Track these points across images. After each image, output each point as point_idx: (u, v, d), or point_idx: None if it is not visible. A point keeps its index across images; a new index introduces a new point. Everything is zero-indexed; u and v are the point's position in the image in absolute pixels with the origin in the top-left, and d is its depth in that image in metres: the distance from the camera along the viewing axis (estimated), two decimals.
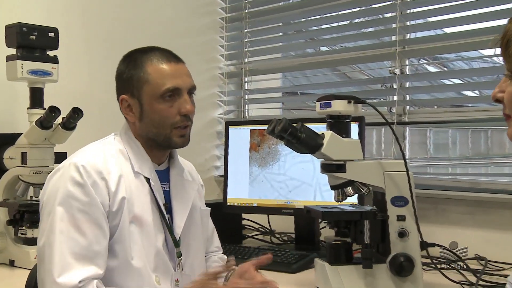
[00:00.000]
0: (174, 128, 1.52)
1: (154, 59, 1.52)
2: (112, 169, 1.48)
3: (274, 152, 2.35)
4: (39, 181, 2.08)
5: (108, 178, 1.45)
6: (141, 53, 1.54)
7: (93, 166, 1.45)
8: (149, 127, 1.52)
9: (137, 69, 1.51)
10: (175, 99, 1.51)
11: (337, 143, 1.63)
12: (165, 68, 1.51)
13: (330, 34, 2.94)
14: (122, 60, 1.57)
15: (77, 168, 1.43)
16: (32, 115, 2.09)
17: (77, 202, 1.40)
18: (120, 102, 1.55)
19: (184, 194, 1.62)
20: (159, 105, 1.50)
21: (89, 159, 1.46)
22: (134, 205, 1.48)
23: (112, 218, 1.45)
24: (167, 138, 1.52)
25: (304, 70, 3.16)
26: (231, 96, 3.24)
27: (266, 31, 3.10)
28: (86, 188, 1.42)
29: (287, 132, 1.59)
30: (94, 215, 1.41)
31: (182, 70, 1.54)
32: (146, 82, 1.50)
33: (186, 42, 2.96)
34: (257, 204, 2.38)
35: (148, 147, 1.56)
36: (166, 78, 1.50)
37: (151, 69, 1.50)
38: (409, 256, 1.63)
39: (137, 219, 1.47)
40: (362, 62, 2.87)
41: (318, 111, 1.68)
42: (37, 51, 2.11)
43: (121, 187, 1.47)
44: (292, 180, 2.31)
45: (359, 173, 1.65)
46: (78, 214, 1.39)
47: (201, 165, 3.02)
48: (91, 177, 1.43)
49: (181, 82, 1.51)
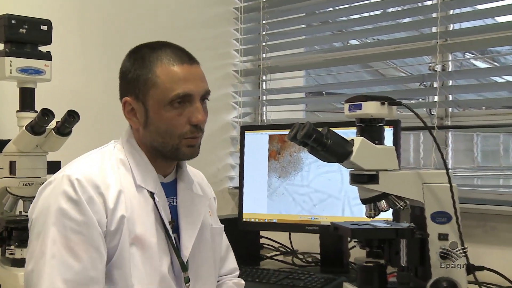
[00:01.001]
0: (183, 139, 1.52)
1: (165, 59, 1.51)
2: (111, 183, 1.48)
3: (296, 160, 2.35)
4: (30, 194, 2.09)
5: (106, 193, 1.46)
6: (150, 50, 1.53)
7: (89, 180, 1.45)
8: (154, 136, 1.52)
9: (144, 69, 1.51)
10: (185, 106, 1.50)
11: (368, 151, 1.62)
12: (176, 71, 1.50)
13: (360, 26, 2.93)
14: (128, 55, 1.57)
15: (70, 182, 1.44)
16: (22, 119, 2.11)
17: (71, 222, 1.41)
18: (123, 104, 1.55)
19: (193, 211, 1.62)
20: (166, 113, 1.49)
21: (84, 171, 1.47)
22: (136, 224, 1.48)
23: (110, 239, 1.45)
24: (174, 149, 1.52)
25: (331, 67, 3.16)
26: (247, 97, 3.25)
27: (287, 22, 3.11)
28: (81, 206, 1.42)
29: (311, 138, 1.59)
30: (90, 236, 1.42)
31: (195, 73, 1.53)
32: (153, 85, 1.49)
33: (195, 36, 2.98)
34: (277, 220, 2.38)
35: (153, 157, 1.56)
36: (176, 82, 1.49)
37: (161, 71, 1.49)
38: (453, 281, 1.61)
39: (139, 241, 1.48)
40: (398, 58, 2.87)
41: (347, 114, 1.68)
42: (28, 47, 2.12)
43: (121, 204, 1.47)
44: (317, 193, 2.30)
45: (394, 185, 1.64)
46: (72, 235, 1.40)
47: (213, 176, 3.03)
48: (86, 192, 1.43)
49: (193, 87, 1.50)
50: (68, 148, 2.09)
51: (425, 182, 1.65)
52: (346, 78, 3.18)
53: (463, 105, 2.57)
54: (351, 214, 2.22)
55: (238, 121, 3.19)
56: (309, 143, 1.60)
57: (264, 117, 3.17)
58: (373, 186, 1.64)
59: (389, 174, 1.65)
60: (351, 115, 1.66)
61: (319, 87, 3.69)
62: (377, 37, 2.89)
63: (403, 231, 1.65)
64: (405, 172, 1.68)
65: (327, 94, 3.90)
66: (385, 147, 1.66)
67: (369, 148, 1.63)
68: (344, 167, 1.68)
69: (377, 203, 1.66)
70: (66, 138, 2.09)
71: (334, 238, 2.27)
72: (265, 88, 3.15)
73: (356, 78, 3.36)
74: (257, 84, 3.24)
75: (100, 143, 1.63)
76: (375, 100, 1.64)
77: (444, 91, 2.48)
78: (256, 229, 2.51)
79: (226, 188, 3.12)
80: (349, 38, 3.58)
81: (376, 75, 5.06)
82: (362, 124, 1.66)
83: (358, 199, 1.70)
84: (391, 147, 1.67)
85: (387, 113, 1.65)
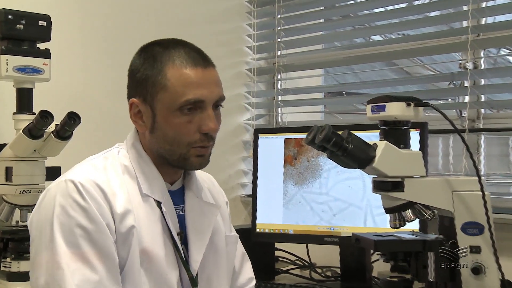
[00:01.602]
0: (192, 148, 1.52)
1: (177, 60, 1.51)
2: (117, 191, 1.49)
3: (314, 166, 2.35)
4: (27, 202, 2.10)
5: (113, 201, 1.47)
6: (162, 49, 1.53)
7: (94, 184, 1.46)
8: (161, 143, 1.53)
9: (154, 70, 1.51)
10: (196, 113, 1.50)
11: (392, 156, 1.62)
12: (189, 74, 1.49)
13: (384, 20, 2.93)
14: (138, 52, 1.57)
15: (76, 187, 1.44)
16: (19, 121, 2.13)
17: (81, 230, 1.41)
18: (130, 105, 1.56)
19: (203, 221, 1.63)
20: (175, 119, 1.49)
21: (88, 175, 1.48)
22: (143, 236, 1.49)
23: (119, 250, 1.46)
24: (182, 158, 1.53)
25: (352, 64, 3.16)
26: (261, 97, 3.25)
27: (304, 16, 3.11)
28: (91, 212, 1.43)
29: (331, 141, 1.59)
30: (103, 244, 1.42)
31: (210, 77, 1.53)
32: (163, 88, 1.50)
33: (204, 31, 2.99)
34: (294, 231, 2.38)
35: (160, 163, 1.57)
36: (188, 86, 1.49)
37: (172, 73, 1.50)
38: None
39: (146, 254, 1.48)
40: (425, 55, 2.85)
41: (369, 116, 1.68)
42: (26, 44, 2.14)
43: (129, 213, 1.48)
44: (337, 202, 2.30)
45: (420, 193, 1.64)
46: (85, 245, 1.41)
47: (224, 183, 3.04)
48: (94, 198, 1.44)
49: (206, 93, 1.50)
50: (69, 153, 2.10)
51: (455, 190, 1.64)
52: (369, 77, 3.17)
53: (496, 106, 2.56)
54: (374, 225, 2.22)
55: (251, 124, 3.19)
56: (328, 148, 1.60)
57: (279, 119, 3.17)
58: (398, 194, 1.63)
59: (415, 181, 1.64)
60: (374, 117, 1.66)
61: (339, 87, 3.69)
62: (403, 32, 2.89)
63: (431, 243, 1.64)
64: (433, 179, 1.67)
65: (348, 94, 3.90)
66: (411, 152, 1.66)
67: (394, 153, 1.63)
68: (366, 173, 1.68)
69: (402, 212, 1.66)
70: (66, 142, 2.10)
71: (355, 251, 2.27)
72: (281, 88, 3.16)
73: (380, 77, 3.35)
74: (271, 83, 3.24)
75: (103, 147, 1.63)
76: (400, 101, 1.63)
77: (476, 91, 2.47)
78: (271, 241, 2.51)
79: (238, 196, 3.12)
80: (372, 33, 3.57)
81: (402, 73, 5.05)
82: (386, 127, 1.66)
83: (382, 209, 1.69)
84: (418, 152, 1.67)
85: (413, 115, 1.65)
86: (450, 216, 1.66)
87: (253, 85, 3.20)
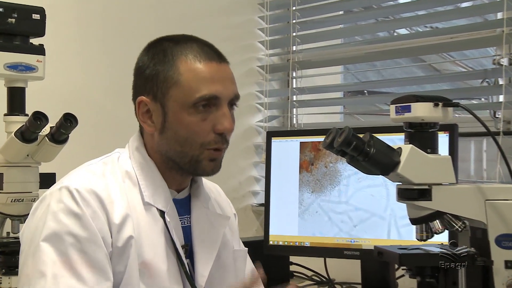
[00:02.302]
0: (206, 149, 1.53)
1: (190, 55, 1.53)
2: (116, 199, 1.50)
3: (332, 172, 2.35)
4: (19, 212, 2.12)
5: (111, 209, 1.47)
6: (173, 44, 1.55)
7: (91, 191, 1.47)
8: (172, 144, 1.54)
9: (165, 64, 1.53)
10: (210, 110, 1.52)
11: (419, 161, 1.62)
12: (203, 69, 1.52)
13: (410, 12, 2.93)
14: (146, 49, 1.60)
15: (70, 194, 1.45)
16: (11, 123, 2.14)
17: (72, 238, 1.42)
18: (138, 105, 1.57)
19: (210, 232, 1.63)
20: (188, 117, 1.51)
21: (84, 181, 1.49)
22: (144, 248, 1.49)
23: (116, 263, 1.46)
24: (194, 161, 1.53)
25: (374, 61, 3.15)
26: (274, 97, 3.26)
27: (321, 8, 3.12)
28: (84, 220, 1.43)
29: (351, 145, 1.59)
30: (95, 255, 1.43)
31: (225, 73, 1.55)
32: (175, 84, 1.51)
33: (211, 25, 3.00)
34: (310, 243, 2.38)
35: (167, 169, 1.58)
36: (203, 82, 1.51)
37: (185, 68, 1.52)
38: None
39: (147, 267, 1.49)
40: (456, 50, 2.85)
41: (393, 117, 1.68)
42: (18, 39, 2.15)
43: (128, 222, 1.49)
44: (358, 211, 2.30)
45: (450, 202, 1.63)
46: (73, 253, 1.41)
47: (234, 191, 3.05)
48: (90, 206, 1.45)
49: (221, 89, 1.53)
50: (64, 158, 2.11)
51: (488, 198, 1.64)
52: (393, 74, 3.17)
53: None
54: (398, 237, 2.21)
55: (263, 126, 3.20)
56: (348, 152, 1.61)
57: (294, 121, 3.18)
58: (425, 203, 1.63)
59: (444, 189, 1.64)
60: (398, 118, 1.66)
61: (360, 85, 3.69)
62: (431, 25, 2.88)
63: (461, 257, 1.64)
64: (464, 186, 1.67)
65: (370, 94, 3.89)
66: (439, 157, 1.66)
67: (420, 157, 1.62)
68: (390, 180, 1.68)
69: (430, 223, 1.66)
70: (62, 146, 2.11)
71: (378, 265, 2.26)
72: (296, 87, 3.16)
73: (405, 74, 3.35)
74: (286, 82, 3.25)
75: (102, 151, 1.64)
76: (427, 101, 1.63)
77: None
78: (285, 254, 2.51)
79: (250, 206, 3.13)
80: (397, 26, 3.56)
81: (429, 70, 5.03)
82: (411, 130, 1.66)
83: (407, 219, 1.69)
84: (447, 157, 1.67)
85: (441, 116, 1.64)
86: (482, 228, 1.65)
87: (266, 84, 3.21)
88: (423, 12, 2.83)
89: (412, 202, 1.65)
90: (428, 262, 1.67)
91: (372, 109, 3.56)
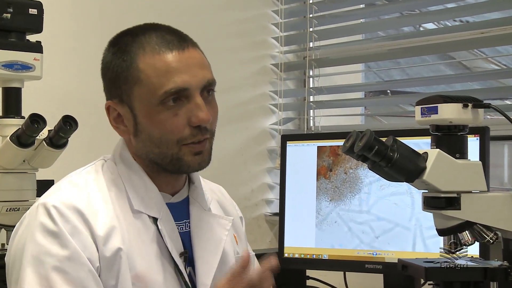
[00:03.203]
0: (183, 145, 1.52)
1: (148, 47, 1.52)
2: (99, 209, 1.50)
3: (353, 179, 2.35)
4: (15, 221, 2.07)
5: (94, 221, 1.47)
6: (131, 38, 1.55)
7: (70, 206, 1.47)
8: (149, 146, 1.54)
9: (124, 63, 1.53)
10: (181, 103, 1.51)
11: (447, 167, 1.62)
12: (163, 61, 1.50)
13: (438, 4, 2.93)
14: (107, 47, 1.60)
15: (47, 211, 1.46)
16: (6, 126, 2.14)
17: (50, 258, 1.43)
18: (107, 110, 1.58)
19: (212, 237, 1.63)
20: (158, 115, 1.50)
21: (63, 196, 1.49)
22: (135, 259, 1.50)
23: (106, 277, 1.47)
24: (175, 159, 1.53)
25: (398, 58, 3.16)
26: (290, 97, 3.26)
27: (341, 1, 3.12)
28: (62, 238, 1.44)
29: (373, 150, 1.59)
30: (76, 274, 1.43)
31: (189, 59, 1.52)
32: (137, 83, 1.51)
33: (222, 20, 3.00)
34: (328, 256, 2.38)
35: (154, 172, 1.58)
36: (165, 75, 1.49)
37: (144, 63, 1.51)
38: None
39: (140, 280, 1.49)
40: (487, 46, 2.84)
41: (419, 120, 1.68)
42: (13, 35, 2.16)
43: (115, 234, 1.49)
44: (381, 221, 2.30)
45: (481, 211, 1.63)
46: (52, 274, 1.42)
47: (246, 199, 3.05)
48: (68, 222, 1.45)
49: (188, 78, 1.50)
50: (63, 164, 2.12)
51: None
52: (419, 72, 3.16)
53: None
54: (424, 249, 2.21)
55: (277, 129, 3.21)
56: (369, 157, 1.61)
57: (311, 124, 3.18)
58: (454, 213, 1.63)
59: (474, 197, 1.64)
60: (424, 120, 1.66)
61: (383, 85, 3.68)
62: (461, 19, 2.88)
63: (493, 271, 1.63)
64: (496, 194, 1.67)
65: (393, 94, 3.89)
66: (469, 162, 1.66)
67: (448, 163, 1.62)
68: (415, 188, 1.68)
69: (459, 234, 1.65)
70: (61, 151, 2.12)
71: (402, 280, 2.26)
72: (313, 87, 3.17)
73: (432, 72, 3.33)
74: (302, 81, 3.26)
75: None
76: (456, 102, 1.63)
77: None
78: (302, 268, 2.51)
79: (263, 215, 3.13)
80: (423, 21, 3.56)
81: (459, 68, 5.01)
82: (438, 133, 1.66)
83: (434, 230, 1.69)
84: (477, 162, 1.66)
85: (471, 118, 1.64)
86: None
87: (280, 83, 3.21)
88: (452, 5, 2.83)
89: (439, 212, 1.65)
90: (457, 276, 1.67)
91: (396, 111, 3.56)
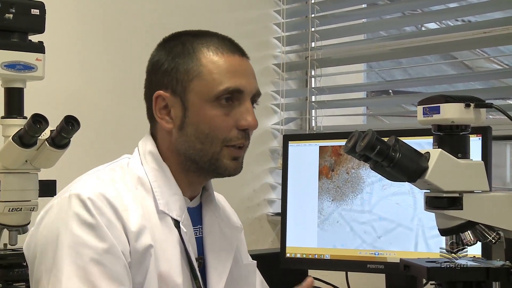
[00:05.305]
0: (226, 146, 1.55)
1: (211, 46, 1.57)
2: (129, 204, 1.50)
3: (355, 179, 2.35)
4: (17, 222, 2.12)
5: (126, 217, 1.48)
6: (192, 37, 1.59)
7: (105, 199, 1.47)
8: (192, 141, 1.55)
9: (186, 57, 1.56)
10: (233, 105, 1.55)
11: (449, 166, 1.62)
12: (226, 61, 1.56)
13: (440, 4, 2.92)
14: (161, 44, 1.62)
15: (82, 202, 1.46)
16: (8, 127, 2.14)
17: (88, 250, 1.43)
18: (154, 100, 1.58)
19: (224, 245, 1.65)
20: (211, 111, 1.53)
21: (96, 189, 1.49)
22: (160, 259, 1.50)
23: (135, 273, 1.48)
24: (214, 158, 1.55)
25: (400, 58, 3.15)
26: (291, 97, 3.26)
27: (343, 1, 3.12)
28: (100, 230, 1.44)
29: (375, 150, 1.59)
30: (113, 268, 1.44)
31: (247, 66, 1.61)
32: (197, 76, 1.54)
33: (223, 20, 3.01)
34: (330, 256, 2.38)
35: (183, 171, 1.59)
36: (226, 74, 1.54)
37: (207, 59, 1.55)
38: None
39: (162, 280, 1.50)
40: (490, 46, 2.84)
41: (421, 119, 1.68)
42: (16, 36, 2.16)
43: (145, 230, 1.50)
44: (383, 221, 2.30)
45: (483, 211, 1.63)
46: (91, 266, 1.42)
47: (248, 199, 3.05)
48: (104, 215, 1.46)
49: (245, 83, 1.56)
50: (66, 164, 2.13)
51: None
52: (421, 72, 3.16)
53: None
54: (426, 249, 2.21)
55: (279, 129, 3.20)
56: (371, 157, 1.61)
57: (313, 124, 3.18)
58: (456, 213, 1.63)
59: (476, 197, 1.64)
60: (426, 120, 1.66)
61: (385, 85, 3.68)
62: (463, 19, 2.88)
63: (496, 271, 1.63)
64: (498, 194, 1.67)
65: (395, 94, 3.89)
66: (471, 162, 1.66)
67: (450, 163, 1.62)
68: (417, 187, 1.68)
69: (461, 234, 1.65)
70: (63, 151, 2.12)
71: (404, 280, 2.26)
72: (315, 87, 3.17)
73: (434, 72, 3.33)
74: (304, 81, 3.25)
75: (106, 156, 1.66)
76: (458, 101, 1.63)
77: None
78: (304, 268, 2.51)
79: (265, 215, 3.13)
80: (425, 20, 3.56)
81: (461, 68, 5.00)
82: (440, 133, 1.66)
83: (436, 230, 1.69)
84: (479, 162, 1.66)
85: (473, 118, 1.64)
86: None
87: (282, 83, 3.21)
88: (454, 5, 2.82)
89: (442, 211, 1.65)
90: (459, 276, 1.67)
91: (398, 111, 3.56)
